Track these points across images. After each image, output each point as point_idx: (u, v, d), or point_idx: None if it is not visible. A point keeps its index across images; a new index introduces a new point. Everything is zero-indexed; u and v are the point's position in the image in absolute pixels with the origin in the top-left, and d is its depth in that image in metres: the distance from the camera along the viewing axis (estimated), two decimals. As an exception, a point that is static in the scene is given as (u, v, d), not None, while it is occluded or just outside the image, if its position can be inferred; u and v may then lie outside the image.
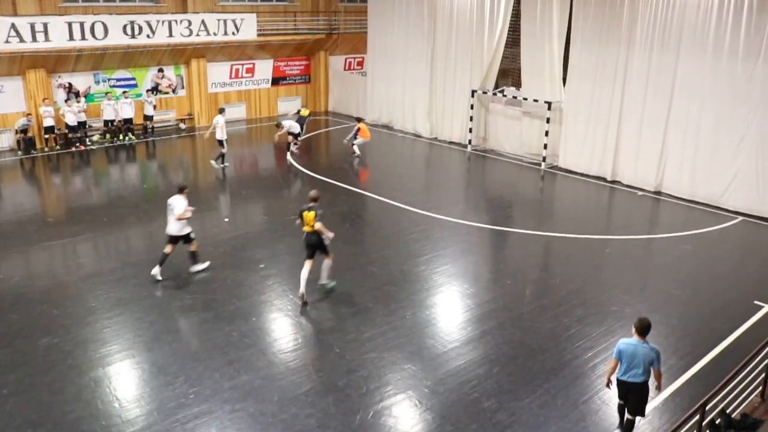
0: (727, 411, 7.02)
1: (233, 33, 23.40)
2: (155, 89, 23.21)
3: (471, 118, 21.46)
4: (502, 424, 7.55)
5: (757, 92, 14.84)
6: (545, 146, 19.29)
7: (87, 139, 21.17)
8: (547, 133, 19.20)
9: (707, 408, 6.47)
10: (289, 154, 20.32)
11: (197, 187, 18.03)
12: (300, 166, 18.96)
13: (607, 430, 7.51)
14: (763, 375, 7.52)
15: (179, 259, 12.04)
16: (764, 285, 11.42)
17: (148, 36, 21.38)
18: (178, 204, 11.02)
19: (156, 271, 11.20)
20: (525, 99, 19.85)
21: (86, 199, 16.35)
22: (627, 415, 7.20)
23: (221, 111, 18.81)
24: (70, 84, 21.24)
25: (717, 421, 6.83)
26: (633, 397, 7.00)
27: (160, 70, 23.36)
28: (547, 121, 19.09)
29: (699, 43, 15.60)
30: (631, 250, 13.20)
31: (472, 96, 21.23)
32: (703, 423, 6.44)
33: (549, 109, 18.96)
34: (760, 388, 7.48)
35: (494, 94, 21.13)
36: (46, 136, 20.46)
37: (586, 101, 18.30)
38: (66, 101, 20.73)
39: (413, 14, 23.09)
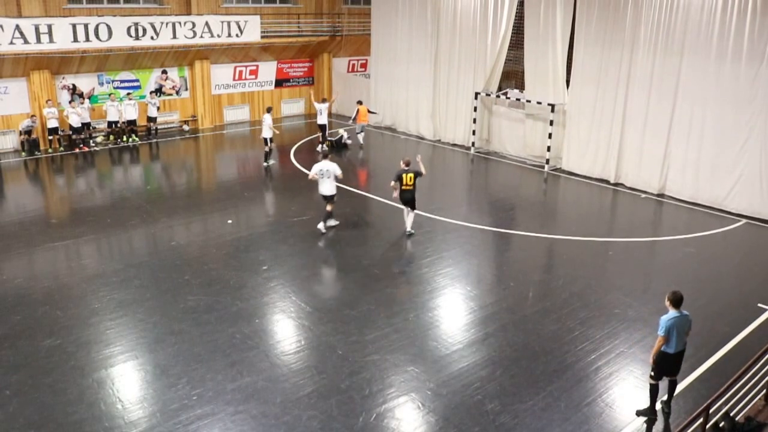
0: (731, 414, 6.99)
1: (237, 35, 23.45)
2: (159, 91, 23.28)
3: (474, 120, 21.47)
4: (505, 427, 7.54)
5: (760, 95, 14.80)
6: (548, 148, 19.28)
7: (91, 141, 21.23)
8: (550, 136, 19.18)
9: (711, 411, 6.45)
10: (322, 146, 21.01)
11: (200, 188, 18.09)
12: (303, 168, 18.96)
13: (610, 433, 7.51)
14: (768, 378, 7.51)
15: (181, 260, 12.08)
16: (768, 288, 11.41)
17: (152, 38, 21.44)
18: (333, 167, 13.08)
19: (321, 225, 13.44)
20: (528, 101, 19.84)
21: (89, 201, 16.36)
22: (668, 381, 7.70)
23: (269, 110, 19.40)
24: (74, 85, 21.30)
25: (721, 424, 6.81)
26: (678, 361, 7.52)
27: (164, 72, 23.42)
28: (551, 123, 19.08)
29: (702, 46, 15.58)
30: (634, 252, 13.17)
31: (476, 98, 21.23)
32: (707, 426, 6.43)
33: (552, 111, 18.96)
34: (765, 390, 7.45)
35: (497, 96, 21.12)
36: (50, 137, 20.53)
37: (589, 104, 18.28)
38: (70, 102, 20.78)
39: (417, 16, 23.11)
